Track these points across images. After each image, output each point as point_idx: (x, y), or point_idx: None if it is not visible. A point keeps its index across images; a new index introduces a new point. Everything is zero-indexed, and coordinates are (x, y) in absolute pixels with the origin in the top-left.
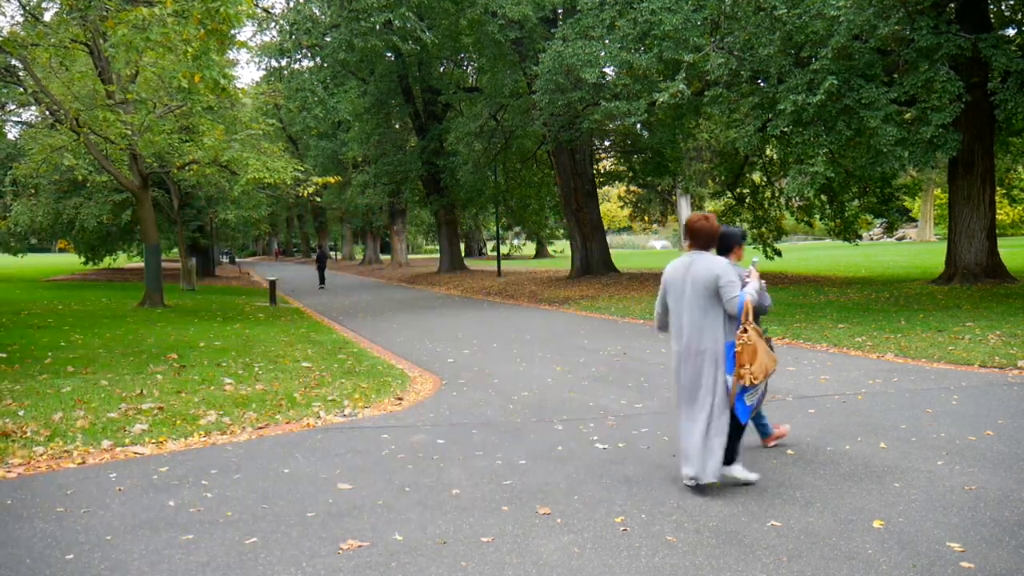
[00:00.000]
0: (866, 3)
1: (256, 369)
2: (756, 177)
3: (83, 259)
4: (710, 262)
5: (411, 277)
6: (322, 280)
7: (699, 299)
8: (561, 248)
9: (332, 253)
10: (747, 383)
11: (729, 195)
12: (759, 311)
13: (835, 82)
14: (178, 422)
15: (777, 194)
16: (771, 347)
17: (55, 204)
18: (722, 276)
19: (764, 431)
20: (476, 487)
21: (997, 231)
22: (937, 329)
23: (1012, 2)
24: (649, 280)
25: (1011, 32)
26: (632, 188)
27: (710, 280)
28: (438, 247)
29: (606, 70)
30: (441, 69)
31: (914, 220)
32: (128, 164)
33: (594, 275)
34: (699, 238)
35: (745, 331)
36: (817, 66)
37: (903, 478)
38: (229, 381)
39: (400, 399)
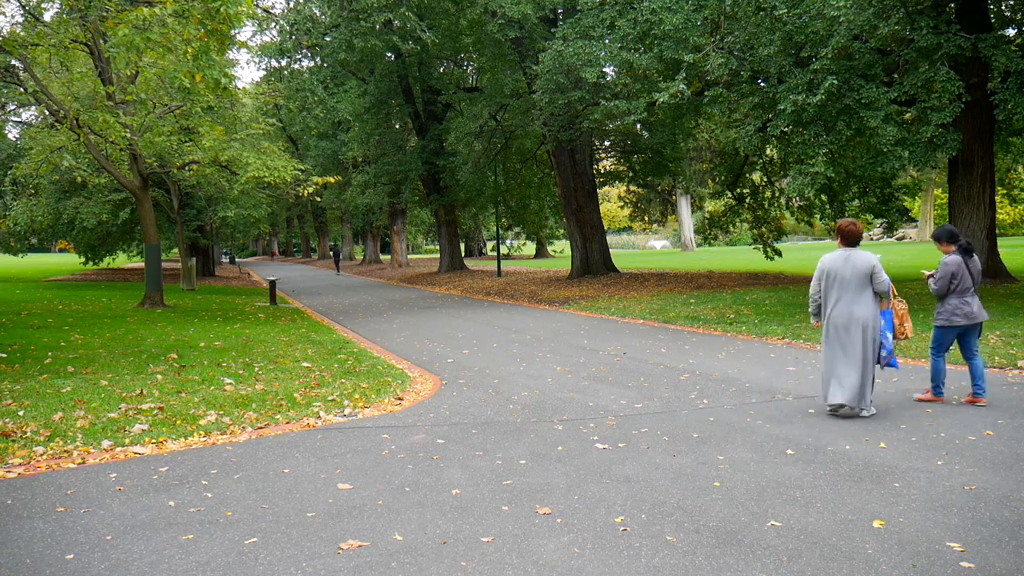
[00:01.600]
0: (866, 3)
1: (256, 369)
2: (756, 177)
3: (83, 259)
4: (866, 255)
5: (411, 277)
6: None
7: (857, 281)
8: (561, 248)
9: (332, 253)
10: (909, 335)
11: (729, 195)
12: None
13: (835, 82)
14: (178, 422)
15: (777, 194)
16: None
17: (55, 204)
18: (876, 265)
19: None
20: (476, 487)
21: (997, 231)
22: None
23: (1012, 2)
24: (649, 280)
25: (1011, 32)
26: (632, 188)
27: (867, 268)
28: (438, 247)
29: (606, 70)
30: (441, 69)
31: (914, 220)
32: (128, 164)
33: (594, 275)
34: (851, 237)
35: (901, 301)
36: (817, 66)
37: (903, 478)
38: (229, 381)
39: (400, 399)
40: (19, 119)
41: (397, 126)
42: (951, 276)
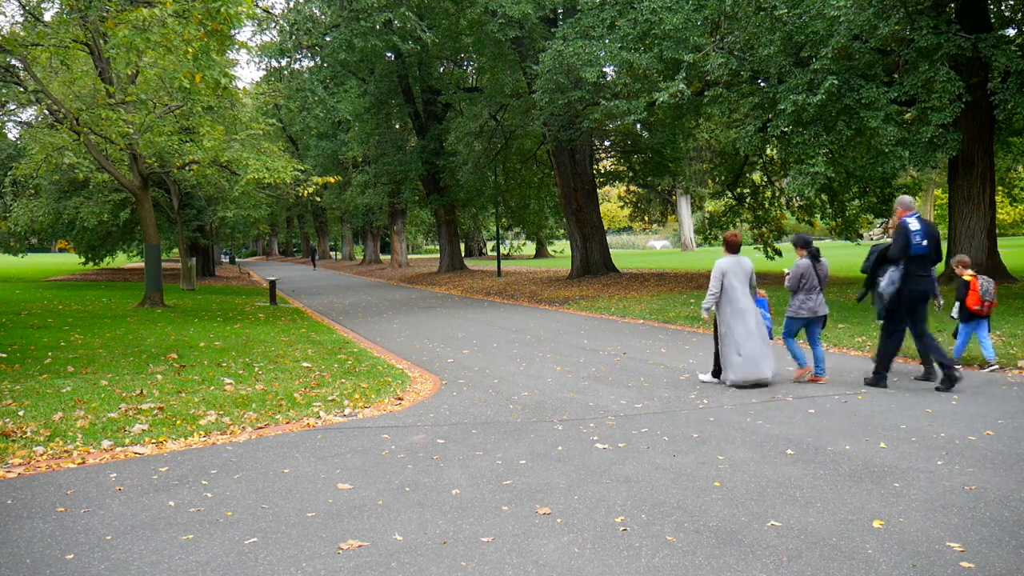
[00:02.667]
0: (866, 3)
1: (256, 369)
2: (756, 177)
3: (83, 259)
4: (748, 260)
5: (411, 277)
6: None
7: (746, 278)
8: (561, 248)
9: (332, 253)
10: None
11: (729, 195)
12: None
13: (835, 82)
14: (178, 422)
15: (777, 194)
16: None
17: (55, 204)
18: (753, 266)
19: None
20: (476, 487)
21: (997, 231)
22: (937, 329)
23: (1012, 2)
24: (650, 280)
25: (1011, 32)
26: (632, 188)
27: (751, 268)
28: (438, 247)
29: (606, 70)
30: (441, 69)
31: None
32: (128, 164)
33: (594, 275)
34: (736, 246)
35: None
36: (817, 66)
37: (903, 478)
38: (229, 381)
39: (400, 399)
40: (19, 119)
41: (397, 126)
42: (800, 276)
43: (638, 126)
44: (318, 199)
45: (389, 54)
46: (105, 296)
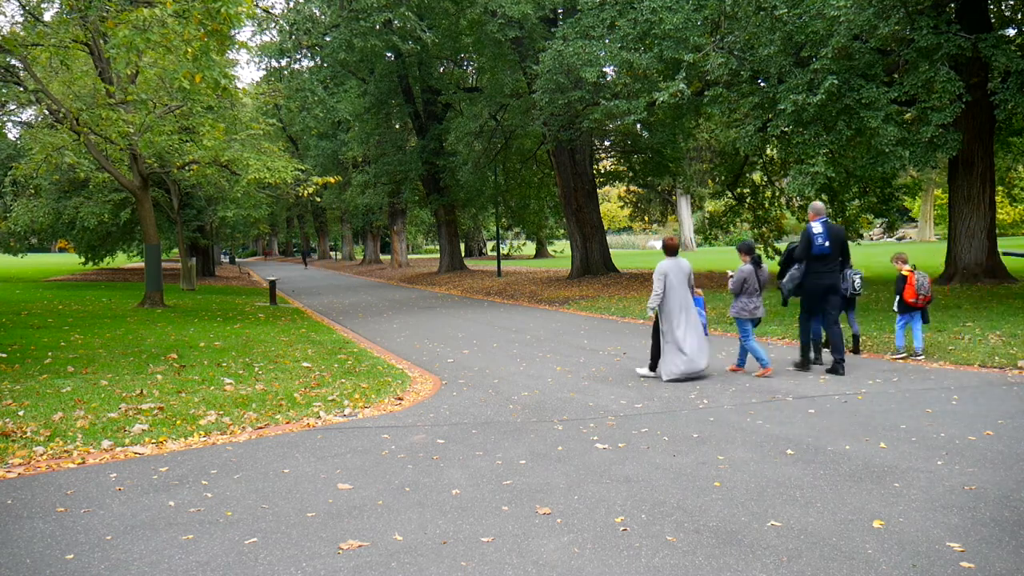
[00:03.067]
0: (866, 3)
1: (256, 369)
2: (756, 177)
3: (83, 259)
4: (686, 261)
5: (411, 277)
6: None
7: (685, 278)
8: (561, 248)
9: (332, 253)
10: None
11: (729, 195)
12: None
13: (835, 82)
14: (178, 422)
15: (778, 193)
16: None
17: (55, 204)
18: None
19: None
20: (476, 487)
21: (997, 231)
22: (937, 329)
23: (1012, 2)
24: (649, 280)
25: (1011, 32)
26: (632, 188)
27: (689, 269)
28: (438, 247)
29: (606, 70)
30: (441, 69)
31: (914, 220)
32: (128, 164)
33: (594, 275)
34: (673, 249)
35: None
36: (817, 66)
37: (903, 478)
38: (229, 381)
39: (400, 399)
40: (19, 119)
41: (397, 126)
42: (743, 280)
43: (638, 126)
44: (318, 199)
45: (389, 54)
46: (105, 296)
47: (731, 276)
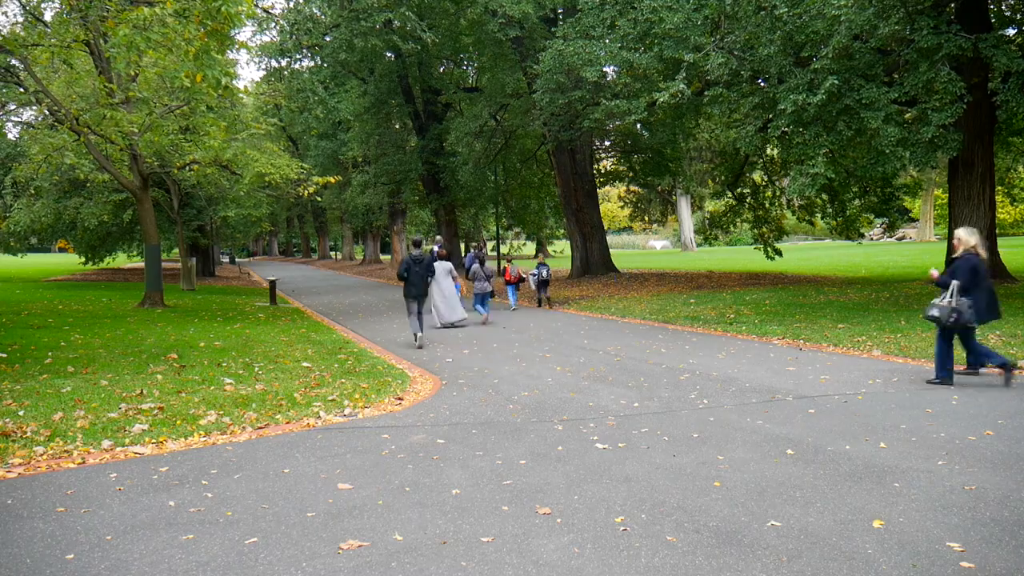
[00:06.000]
0: (866, 3)
1: (256, 369)
2: (757, 176)
3: (83, 259)
4: (448, 263)
5: None
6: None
7: (448, 274)
8: (561, 248)
9: (332, 253)
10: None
11: (730, 195)
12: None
13: (836, 82)
14: (178, 422)
15: (778, 193)
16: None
17: (55, 204)
18: (449, 267)
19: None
20: (476, 487)
21: (997, 231)
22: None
23: (1012, 2)
24: (650, 280)
25: (1011, 32)
26: (632, 188)
27: (446, 268)
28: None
29: (606, 69)
30: (441, 69)
31: (914, 220)
32: (128, 164)
33: (594, 275)
34: (443, 258)
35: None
36: (817, 66)
37: (903, 478)
38: (229, 381)
39: (400, 399)
40: (19, 119)
41: (397, 126)
42: (474, 270)
43: (638, 126)
44: (318, 199)
45: (389, 54)
46: (105, 296)
47: (466, 266)
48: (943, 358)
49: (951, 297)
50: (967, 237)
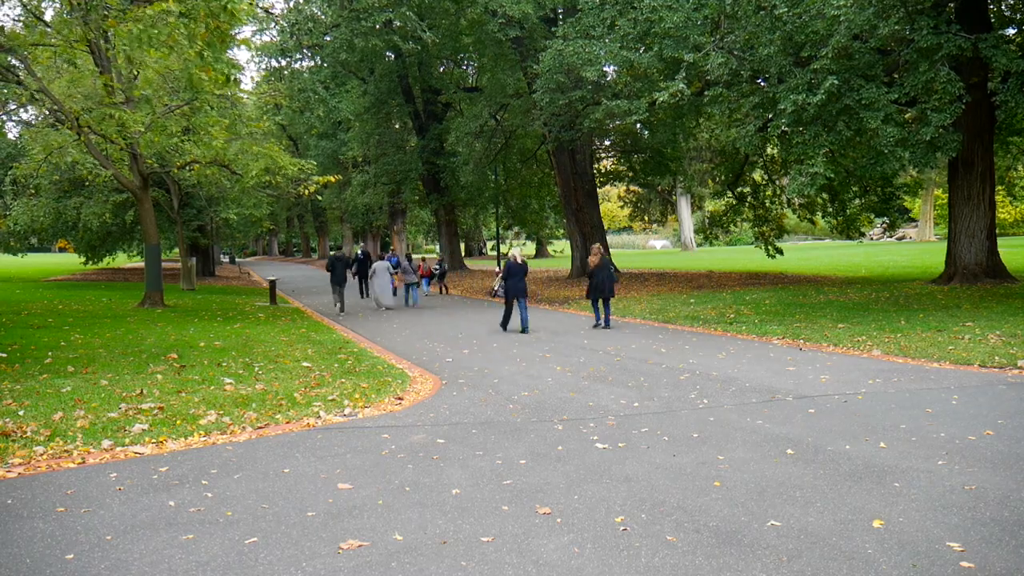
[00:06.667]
0: (866, 3)
1: (256, 369)
2: (757, 176)
3: (83, 259)
4: (383, 262)
5: None
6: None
7: (386, 273)
8: (561, 248)
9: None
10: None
11: (730, 194)
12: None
13: (835, 82)
14: (178, 422)
15: (778, 192)
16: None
17: (56, 204)
18: (387, 265)
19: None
20: (476, 487)
21: (997, 231)
22: (937, 329)
23: (1012, 2)
24: (649, 280)
25: (1011, 32)
26: (632, 188)
27: (384, 266)
28: (438, 247)
29: (607, 69)
30: (441, 69)
31: (914, 220)
32: (128, 164)
33: None
34: (395, 261)
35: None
36: (817, 66)
37: (903, 478)
38: (229, 381)
39: (400, 399)
40: (19, 119)
41: (397, 126)
42: (402, 266)
43: (638, 126)
44: (319, 198)
45: (389, 54)
46: (105, 296)
47: (402, 267)
48: None
49: None
50: None
